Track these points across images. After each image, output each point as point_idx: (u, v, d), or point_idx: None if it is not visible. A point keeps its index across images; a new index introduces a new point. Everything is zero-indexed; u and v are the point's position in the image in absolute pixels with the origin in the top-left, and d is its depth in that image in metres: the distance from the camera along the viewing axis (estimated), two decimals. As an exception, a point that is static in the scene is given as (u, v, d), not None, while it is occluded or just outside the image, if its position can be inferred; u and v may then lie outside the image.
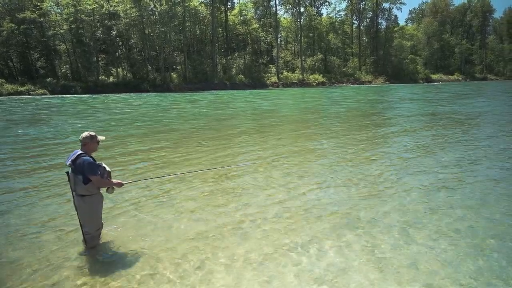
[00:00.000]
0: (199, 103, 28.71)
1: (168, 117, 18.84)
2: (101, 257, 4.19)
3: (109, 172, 4.33)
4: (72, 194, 4.18)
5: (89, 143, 4.14)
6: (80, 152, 4.08)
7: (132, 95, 40.79)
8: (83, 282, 3.69)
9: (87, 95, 41.06)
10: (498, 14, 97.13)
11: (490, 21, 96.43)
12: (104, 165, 4.27)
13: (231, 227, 4.92)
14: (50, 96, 39.80)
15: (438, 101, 26.28)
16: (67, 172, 4.16)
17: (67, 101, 31.98)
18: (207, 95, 39.49)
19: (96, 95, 40.18)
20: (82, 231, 4.26)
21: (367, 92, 41.43)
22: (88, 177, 4.00)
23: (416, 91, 42.95)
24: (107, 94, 41.72)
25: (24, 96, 38.71)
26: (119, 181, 4.35)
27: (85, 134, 4.16)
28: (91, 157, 4.11)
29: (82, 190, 4.05)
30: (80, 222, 4.24)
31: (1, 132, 14.42)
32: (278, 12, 72.95)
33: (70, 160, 4.05)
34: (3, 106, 27.37)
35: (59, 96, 39.51)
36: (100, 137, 4.27)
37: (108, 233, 4.68)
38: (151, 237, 4.64)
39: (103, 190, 4.31)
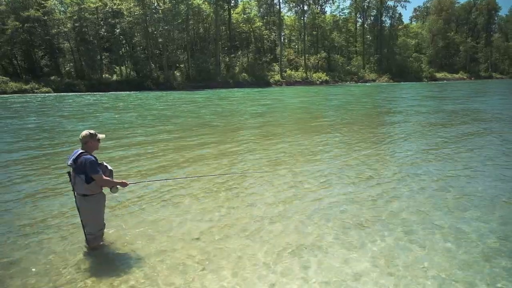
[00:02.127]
0: (229, 100, 29.59)
1: (206, 113, 19.28)
2: (103, 258, 4.11)
3: (111, 171, 4.24)
4: (74, 194, 4.09)
5: (90, 141, 4.06)
6: (81, 151, 3.99)
7: (163, 92, 41.35)
8: (85, 283, 3.61)
9: (126, 92, 41.90)
10: (503, 12, 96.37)
11: (496, 19, 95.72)
12: (105, 163, 4.19)
13: (236, 228, 4.82)
14: (89, 93, 40.25)
15: (458, 99, 26.54)
16: (69, 173, 4.08)
17: (105, 98, 32.53)
18: (235, 92, 39.97)
19: (131, 92, 41.07)
20: (84, 231, 4.18)
21: (383, 90, 41.45)
22: (91, 176, 3.91)
23: (432, 88, 42.99)
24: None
25: (58, 94, 39.13)
26: (123, 180, 4.26)
27: (84, 132, 4.06)
28: (92, 155, 4.02)
29: (83, 189, 3.96)
30: (82, 223, 4.16)
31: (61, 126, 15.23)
32: (281, 10, 72.81)
33: (71, 160, 3.96)
34: (49, 103, 27.89)
35: (96, 93, 40.05)
36: (101, 135, 4.19)
37: (111, 233, 4.60)
38: (155, 237, 4.55)
39: (106, 190, 4.22)
